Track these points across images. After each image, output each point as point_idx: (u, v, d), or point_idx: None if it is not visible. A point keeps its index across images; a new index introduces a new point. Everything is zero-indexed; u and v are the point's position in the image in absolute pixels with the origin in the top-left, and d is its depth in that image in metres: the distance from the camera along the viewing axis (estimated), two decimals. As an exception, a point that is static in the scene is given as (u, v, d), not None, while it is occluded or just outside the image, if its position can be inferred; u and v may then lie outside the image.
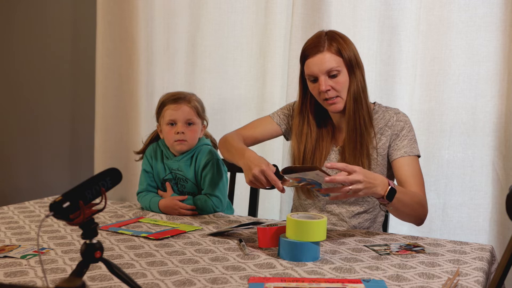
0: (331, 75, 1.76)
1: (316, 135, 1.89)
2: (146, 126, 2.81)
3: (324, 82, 1.76)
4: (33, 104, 3.35)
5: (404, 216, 1.72)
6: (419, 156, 1.85)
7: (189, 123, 1.98)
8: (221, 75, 2.74)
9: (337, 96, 1.78)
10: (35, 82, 3.33)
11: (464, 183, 2.33)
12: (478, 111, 2.30)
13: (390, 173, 1.88)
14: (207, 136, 2.13)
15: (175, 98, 2.00)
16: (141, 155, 2.12)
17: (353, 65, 1.79)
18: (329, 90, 1.77)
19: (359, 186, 1.50)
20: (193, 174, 2.01)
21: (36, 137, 3.35)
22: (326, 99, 1.79)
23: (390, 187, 1.57)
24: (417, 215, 1.74)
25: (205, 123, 2.06)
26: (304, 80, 1.86)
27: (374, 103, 1.91)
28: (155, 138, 2.11)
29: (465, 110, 2.31)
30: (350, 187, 1.49)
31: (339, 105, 1.80)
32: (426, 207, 1.76)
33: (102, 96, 2.91)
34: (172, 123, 1.98)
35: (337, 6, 2.45)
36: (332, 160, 1.89)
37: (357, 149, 1.80)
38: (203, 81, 2.77)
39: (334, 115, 1.89)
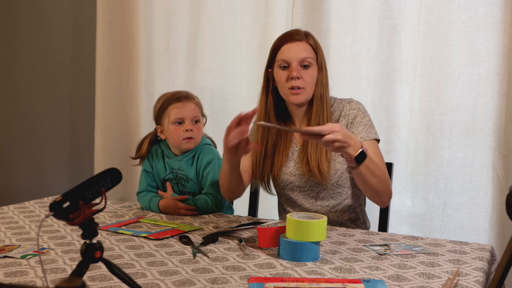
0: (304, 64, 1.82)
1: (276, 135, 1.91)
2: (146, 126, 2.81)
3: (296, 69, 1.80)
4: (33, 105, 3.35)
5: (368, 187, 1.69)
6: (378, 140, 1.85)
7: (196, 121, 1.99)
8: (221, 75, 2.74)
9: (302, 88, 1.81)
10: (35, 82, 3.33)
11: (464, 183, 2.32)
12: (478, 111, 2.30)
13: None
14: (206, 136, 2.14)
15: (178, 97, 2.00)
16: (139, 159, 2.10)
17: (322, 66, 1.86)
18: (298, 78, 1.80)
19: (336, 144, 1.51)
20: (194, 173, 2.01)
21: (36, 137, 3.35)
22: (292, 88, 1.81)
23: (361, 149, 1.58)
24: (382, 190, 1.70)
25: (204, 120, 2.07)
26: (267, 76, 1.89)
27: (330, 97, 1.93)
28: (154, 141, 2.10)
29: (465, 110, 2.31)
30: (327, 142, 1.50)
31: (302, 97, 1.83)
32: (390, 187, 1.75)
33: (102, 96, 2.91)
34: (180, 122, 1.98)
35: (337, 6, 2.45)
36: (295, 158, 1.91)
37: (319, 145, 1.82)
38: (203, 81, 2.76)
39: (297, 113, 1.90)
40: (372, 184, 1.67)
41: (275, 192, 2.01)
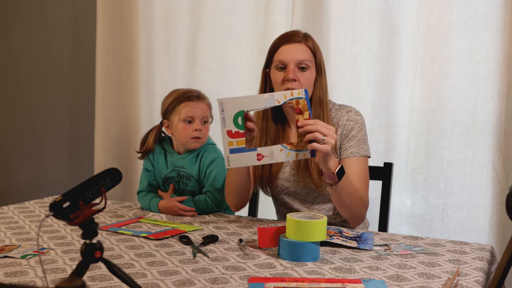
0: (301, 67, 1.77)
1: (275, 131, 1.89)
2: (146, 126, 2.81)
3: (293, 71, 1.76)
4: (33, 105, 3.35)
5: (344, 206, 1.72)
6: (369, 157, 1.84)
7: (204, 121, 2.00)
8: (221, 75, 2.74)
9: None
10: (35, 82, 3.33)
11: (464, 183, 2.32)
12: (478, 111, 2.30)
13: None
14: None
15: (190, 96, 2.01)
16: (141, 154, 2.10)
17: (321, 69, 1.82)
18: (295, 80, 1.76)
19: (318, 136, 1.54)
20: (197, 172, 2.01)
21: (36, 137, 3.35)
22: (288, 89, 1.77)
23: (340, 165, 1.61)
24: (356, 211, 1.74)
25: (210, 120, 2.07)
26: (265, 76, 1.87)
27: (330, 101, 1.90)
28: (159, 136, 2.10)
29: (465, 110, 2.31)
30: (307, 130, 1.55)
31: None
32: (365, 207, 1.77)
33: (102, 96, 2.91)
34: (190, 121, 1.98)
35: (337, 6, 2.45)
36: (290, 164, 1.88)
37: None
38: (203, 81, 2.76)
39: (294, 116, 1.85)
40: (346, 203, 1.70)
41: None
